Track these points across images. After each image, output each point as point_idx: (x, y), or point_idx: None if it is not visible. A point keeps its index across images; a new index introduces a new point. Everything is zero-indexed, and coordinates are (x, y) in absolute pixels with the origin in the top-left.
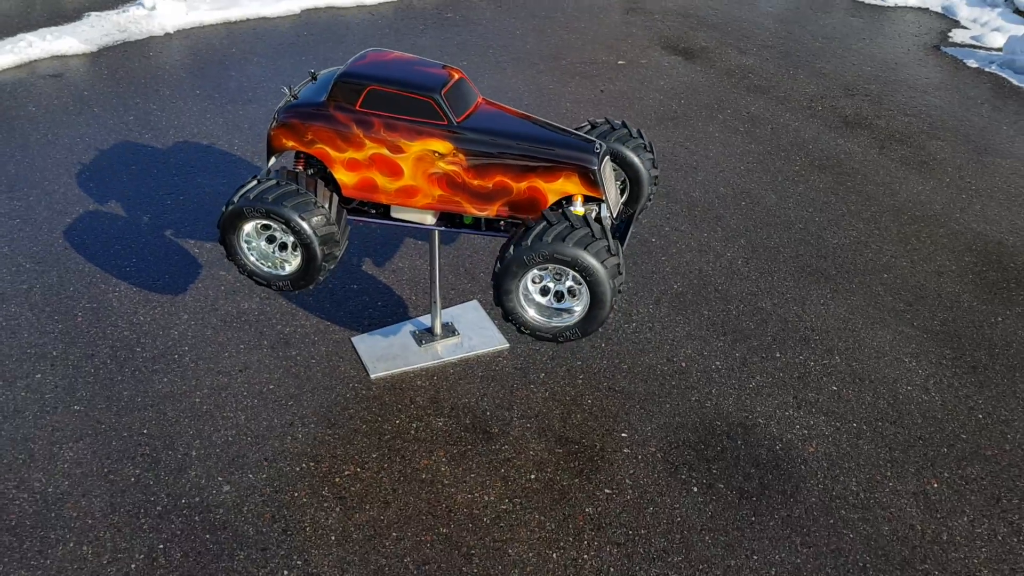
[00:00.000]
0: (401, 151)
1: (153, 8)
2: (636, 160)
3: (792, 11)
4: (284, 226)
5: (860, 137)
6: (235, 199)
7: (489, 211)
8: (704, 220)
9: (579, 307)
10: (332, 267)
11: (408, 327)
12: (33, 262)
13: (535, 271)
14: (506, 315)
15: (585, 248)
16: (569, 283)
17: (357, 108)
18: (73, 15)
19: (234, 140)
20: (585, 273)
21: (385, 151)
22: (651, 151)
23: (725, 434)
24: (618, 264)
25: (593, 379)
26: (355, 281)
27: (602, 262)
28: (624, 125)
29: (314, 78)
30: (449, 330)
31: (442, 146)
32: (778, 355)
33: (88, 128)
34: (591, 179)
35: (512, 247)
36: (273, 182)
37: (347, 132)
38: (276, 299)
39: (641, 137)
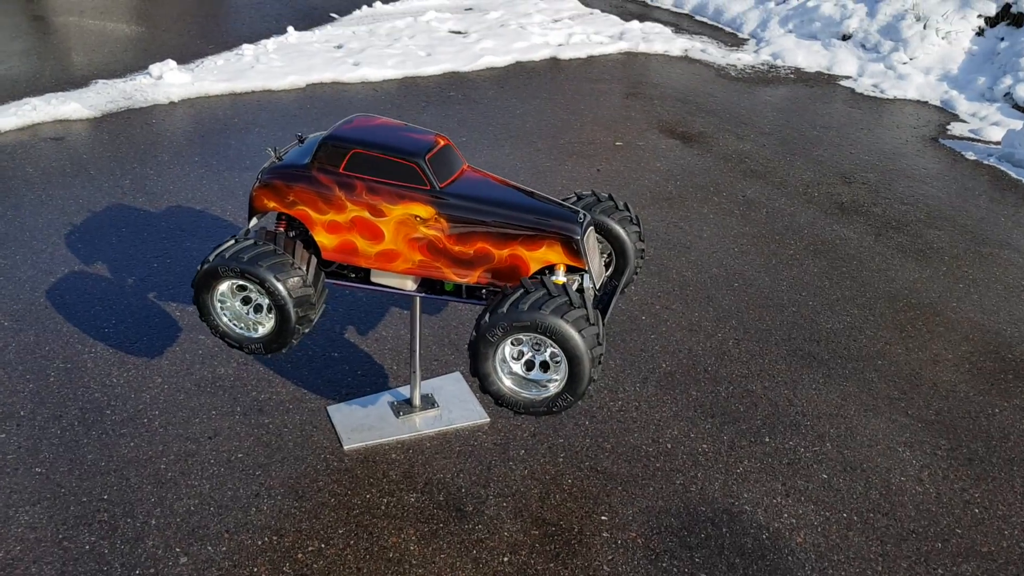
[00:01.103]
0: (383, 215)
1: (160, 77)
2: (621, 232)
3: (791, 101)
4: (259, 287)
5: (856, 224)
6: (211, 258)
7: (470, 278)
8: (696, 300)
9: (556, 380)
10: (306, 330)
11: (387, 397)
12: (12, 320)
13: (514, 341)
14: (495, 400)
15: (562, 316)
16: (550, 351)
17: (340, 171)
18: (81, 82)
19: (227, 205)
20: (562, 342)
21: (366, 214)
22: (637, 224)
23: (710, 521)
24: (597, 334)
25: (575, 458)
26: (336, 348)
27: (579, 331)
28: (611, 197)
29: (301, 141)
30: (428, 402)
31: (424, 211)
32: (767, 440)
33: (83, 190)
34: (574, 248)
35: (488, 315)
36: (251, 242)
37: (329, 194)
38: (253, 365)
39: (628, 210)
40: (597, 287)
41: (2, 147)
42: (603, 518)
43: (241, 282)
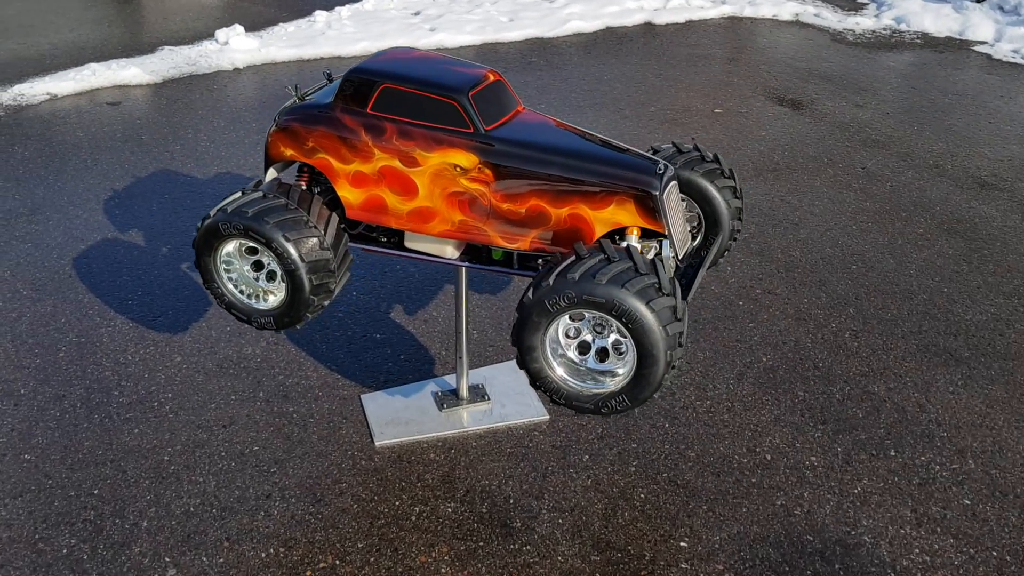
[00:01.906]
0: (416, 164)
1: (226, 43)
2: (712, 190)
3: (917, 67)
4: (266, 248)
5: (999, 200)
6: (212, 212)
7: (521, 243)
8: (804, 284)
9: (623, 368)
10: (326, 302)
11: (430, 387)
12: (32, 289)
13: (567, 320)
14: (532, 380)
15: (623, 286)
16: (613, 336)
17: (368, 111)
18: (147, 48)
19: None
20: (627, 319)
21: (397, 163)
22: (732, 178)
23: (819, 554)
24: (673, 307)
25: (650, 467)
26: (379, 328)
27: (648, 302)
28: (696, 149)
29: (330, 80)
30: (478, 394)
31: (465, 159)
32: (893, 453)
33: (131, 155)
34: (650, 207)
35: (532, 290)
36: (259, 195)
37: (354, 139)
38: (284, 344)
39: (718, 163)
40: (680, 257)
41: (56, 112)
42: (682, 544)
43: (249, 243)
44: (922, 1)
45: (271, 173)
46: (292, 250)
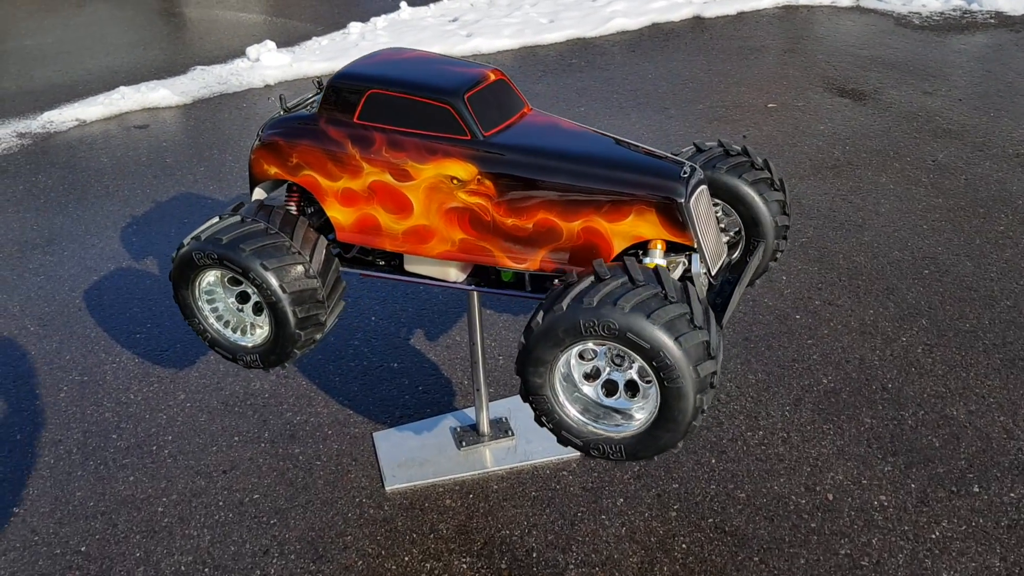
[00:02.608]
0: (409, 177)
1: (257, 60)
2: (755, 197)
3: (993, 49)
4: (244, 278)
5: None
6: (186, 241)
7: (530, 263)
8: (870, 293)
9: (641, 413)
10: (317, 336)
11: (448, 422)
12: (39, 324)
13: (580, 350)
14: (538, 416)
15: (648, 316)
16: (632, 373)
17: (355, 120)
18: (180, 69)
19: None
20: (650, 356)
21: (388, 178)
22: (781, 189)
23: None
24: (706, 343)
25: (694, 512)
26: (397, 356)
27: (677, 338)
28: (745, 152)
29: (321, 89)
30: (501, 429)
31: (463, 170)
32: (977, 490)
33: (154, 179)
34: (676, 217)
35: (541, 315)
36: (236, 219)
37: (340, 152)
38: (294, 378)
39: (767, 169)
40: (713, 273)
41: (84, 138)
42: None
43: (227, 273)
44: None
45: (257, 193)
46: (272, 280)
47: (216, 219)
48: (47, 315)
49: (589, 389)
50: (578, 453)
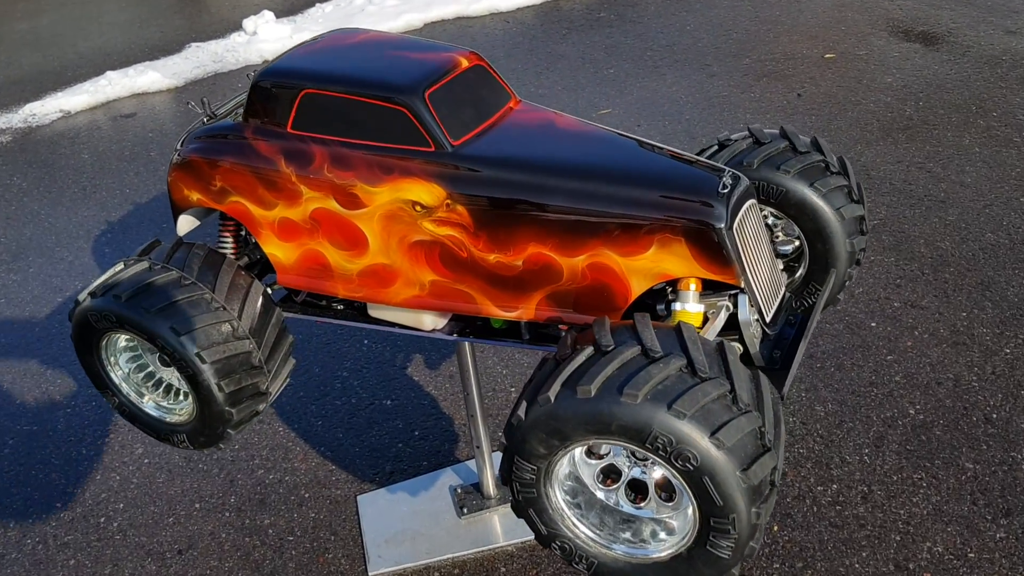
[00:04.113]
0: (360, 204)
1: (254, 33)
2: (829, 213)
3: None
4: (150, 344)
5: None
6: (81, 297)
7: (523, 310)
8: (961, 289)
9: (670, 538)
10: (260, 407)
11: (449, 478)
12: None
13: (587, 449)
14: (518, 506)
15: (669, 407)
16: (658, 472)
17: (288, 130)
18: (175, 48)
19: None
20: (679, 460)
21: (333, 204)
22: (860, 199)
23: None
24: (757, 433)
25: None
26: (391, 391)
27: (713, 433)
28: (817, 147)
29: None
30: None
31: (426, 192)
32: None
33: (136, 177)
34: (714, 246)
35: (525, 406)
36: (143, 266)
37: (272, 172)
38: (271, 423)
39: (844, 173)
40: (768, 320)
41: (67, 131)
42: None
43: (123, 335)
44: None
45: (184, 224)
46: (187, 348)
47: (120, 265)
48: (3, 347)
49: (601, 490)
50: None
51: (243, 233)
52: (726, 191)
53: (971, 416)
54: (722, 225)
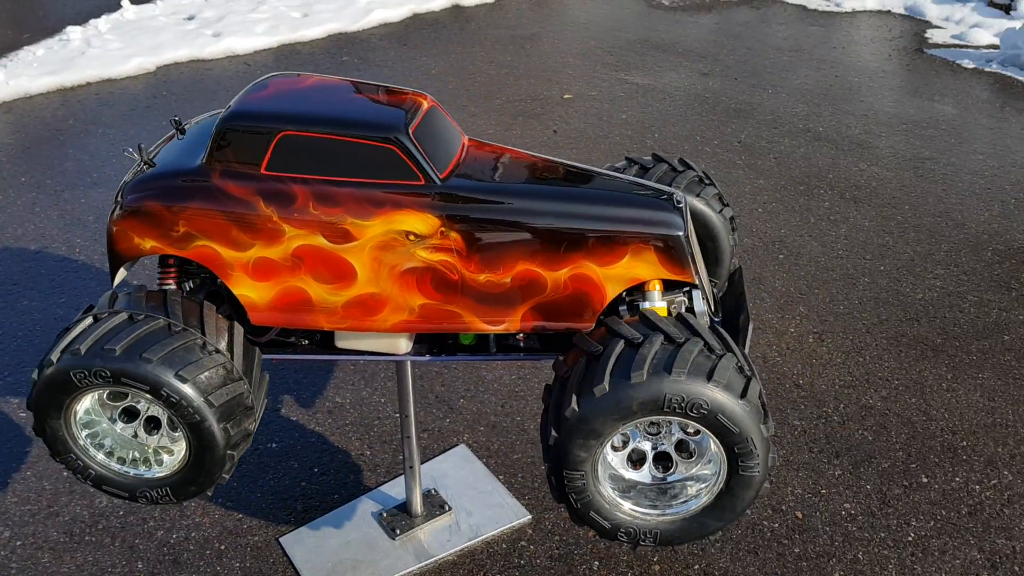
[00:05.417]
0: (350, 238)
1: None
2: (712, 216)
3: (743, 26)
4: (151, 396)
5: (884, 158)
6: (54, 356)
7: (509, 323)
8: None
9: (708, 482)
10: (244, 449)
11: (368, 506)
12: None
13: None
14: (579, 514)
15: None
16: (677, 435)
17: (262, 171)
18: None
19: (75, 239)
20: (693, 412)
21: (321, 240)
22: (711, 182)
23: None
24: (747, 376)
25: (678, 560)
26: (272, 436)
27: (719, 383)
28: (686, 164)
29: (180, 130)
30: (434, 504)
31: (420, 222)
32: (925, 479)
33: None
34: (676, 252)
35: (576, 400)
36: (123, 317)
37: (249, 215)
38: None
39: (711, 182)
40: (714, 309)
41: None
42: None
43: (118, 389)
44: None
45: (121, 275)
46: (192, 394)
47: (88, 320)
48: None
49: (636, 473)
50: (529, 516)
51: (184, 279)
52: (681, 205)
53: (784, 384)
54: (682, 234)
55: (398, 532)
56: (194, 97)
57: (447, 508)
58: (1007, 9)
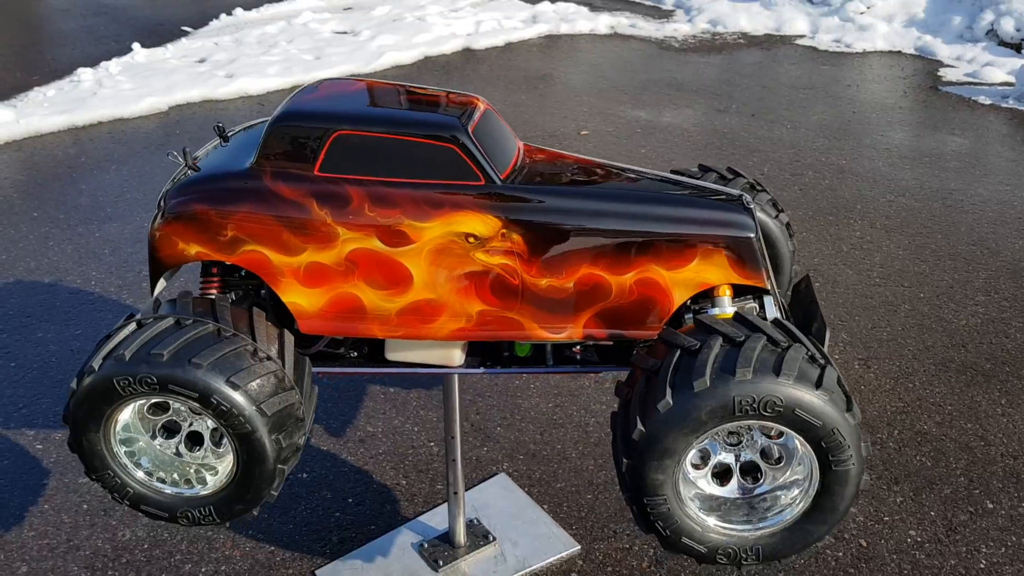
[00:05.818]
0: (407, 240)
1: None
2: (766, 219)
3: (755, 66)
4: (199, 405)
5: (910, 189)
6: (96, 363)
7: (572, 330)
8: None
9: (801, 486)
10: (294, 464)
11: (407, 537)
12: None
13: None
14: (670, 541)
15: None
16: (761, 442)
17: (316, 172)
18: None
19: (90, 272)
20: (768, 411)
21: (376, 243)
22: (781, 208)
23: None
24: (822, 366)
25: None
26: (302, 467)
27: (790, 376)
28: (735, 172)
29: (223, 137)
30: (478, 534)
31: (481, 224)
32: (990, 505)
33: None
34: (747, 255)
35: (669, 392)
36: (169, 322)
37: (302, 217)
38: None
39: (763, 188)
40: (787, 314)
41: None
42: None
43: (161, 399)
44: (728, 2)
45: (162, 284)
46: (243, 402)
47: (132, 326)
48: None
49: (722, 489)
50: (578, 546)
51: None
52: (751, 206)
53: None
54: (753, 235)
55: (441, 564)
56: (208, 135)
57: (491, 538)
58: (1018, 48)
